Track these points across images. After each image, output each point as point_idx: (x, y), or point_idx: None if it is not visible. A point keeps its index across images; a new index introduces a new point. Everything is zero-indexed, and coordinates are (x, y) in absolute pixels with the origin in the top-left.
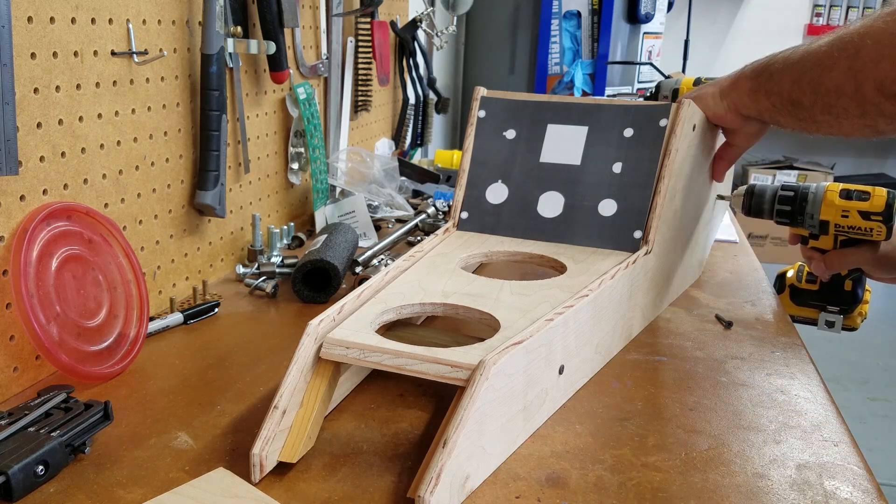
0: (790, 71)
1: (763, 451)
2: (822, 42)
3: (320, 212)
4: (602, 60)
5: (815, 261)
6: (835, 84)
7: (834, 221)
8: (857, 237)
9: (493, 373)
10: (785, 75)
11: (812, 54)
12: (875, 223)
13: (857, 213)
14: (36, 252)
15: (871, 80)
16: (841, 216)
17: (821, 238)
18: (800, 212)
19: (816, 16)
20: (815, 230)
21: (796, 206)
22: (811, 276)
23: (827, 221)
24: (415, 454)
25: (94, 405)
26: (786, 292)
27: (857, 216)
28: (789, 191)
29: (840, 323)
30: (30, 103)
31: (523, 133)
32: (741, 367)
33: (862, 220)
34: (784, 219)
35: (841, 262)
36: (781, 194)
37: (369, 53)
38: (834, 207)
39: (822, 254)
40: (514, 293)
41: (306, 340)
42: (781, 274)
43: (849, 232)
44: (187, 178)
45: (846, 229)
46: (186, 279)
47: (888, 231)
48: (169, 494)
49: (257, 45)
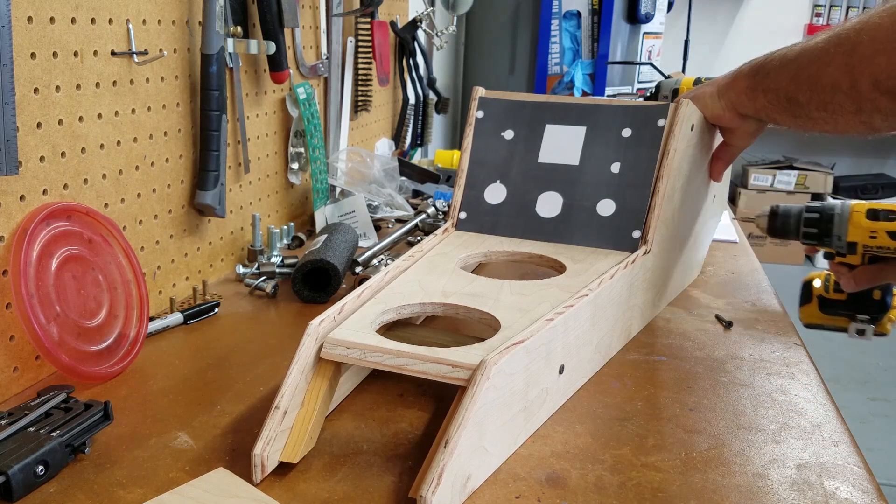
0: (787, 68)
1: (763, 451)
2: (819, 39)
3: (320, 212)
4: (602, 60)
5: (844, 276)
6: (831, 80)
7: (862, 243)
8: (887, 255)
9: (495, 373)
10: (782, 72)
11: (808, 51)
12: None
13: (886, 233)
14: (36, 252)
15: (867, 76)
16: (869, 237)
17: (848, 256)
18: (826, 234)
19: (816, 16)
20: (842, 251)
21: (822, 227)
22: (838, 285)
23: (855, 243)
24: (415, 454)
25: (94, 405)
26: (814, 302)
27: (885, 237)
28: (814, 212)
29: (871, 331)
30: (30, 103)
31: (522, 133)
32: (741, 367)
33: (891, 240)
34: (811, 241)
35: (871, 279)
36: (807, 217)
37: (369, 53)
38: (861, 229)
39: (851, 269)
40: (513, 293)
41: (307, 341)
42: (807, 282)
43: (877, 252)
44: (187, 178)
45: (874, 249)
46: (186, 279)
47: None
48: (169, 494)
49: (257, 45)
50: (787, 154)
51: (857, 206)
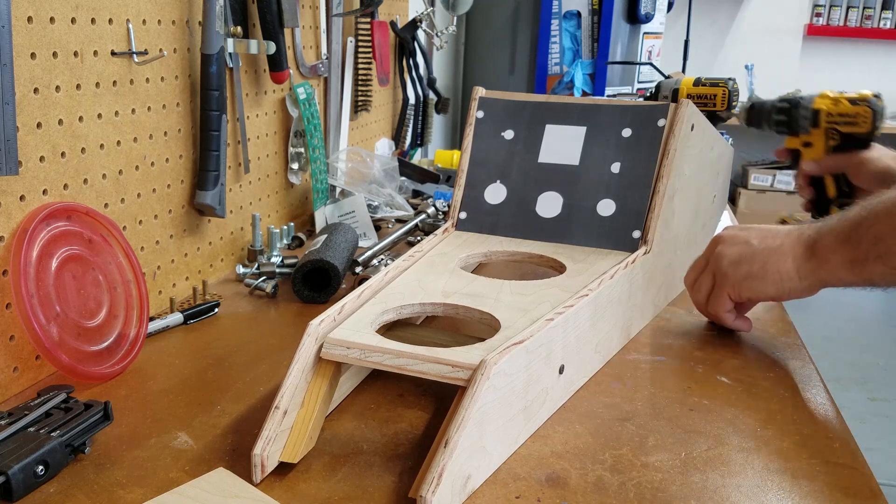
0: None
1: (763, 450)
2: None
3: (320, 212)
4: (602, 60)
5: (804, 178)
6: None
7: (826, 110)
8: (847, 129)
9: (495, 372)
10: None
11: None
12: (862, 107)
13: (846, 100)
14: (36, 252)
15: None
16: (832, 104)
17: (813, 135)
18: (795, 119)
19: (816, 16)
20: (808, 124)
21: (791, 114)
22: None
23: (819, 111)
24: (415, 454)
25: (94, 405)
26: None
27: (846, 103)
28: (785, 102)
29: None
30: (30, 103)
31: (522, 133)
32: (741, 366)
33: (851, 105)
34: (782, 127)
35: (832, 163)
36: (778, 106)
37: (369, 53)
38: (826, 99)
39: None
40: (513, 293)
41: (307, 341)
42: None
43: (838, 121)
44: (187, 178)
45: (836, 118)
46: (186, 279)
47: (873, 122)
48: (169, 494)
49: (257, 45)
50: None
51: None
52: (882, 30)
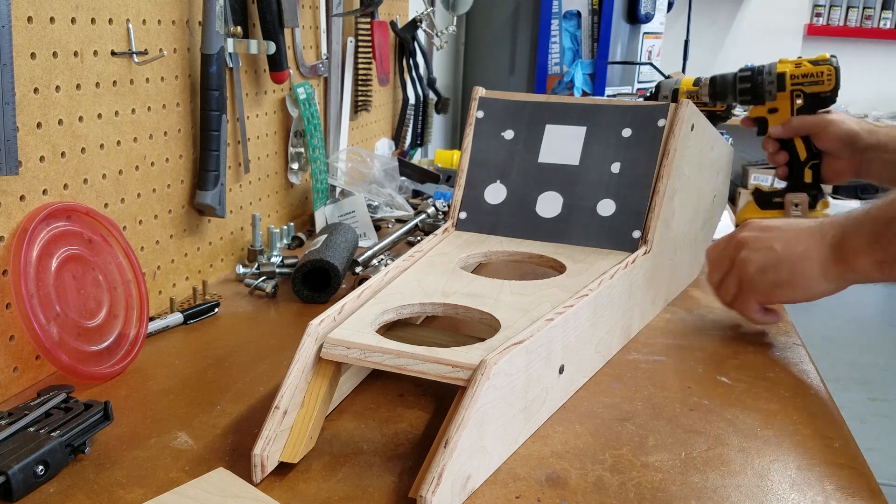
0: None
1: (763, 451)
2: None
3: (320, 212)
4: (602, 60)
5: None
6: None
7: (790, 73)
8: (812, 89)
9: (495, 372)
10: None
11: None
12: (825, 66)
13: (808, 62)
14: (36, 252)
15: None
16: (795, 66)
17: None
18: (760, 84)
19: (816, 16)
20: (773, 88)
21: (754, 81)
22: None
23: (784, 73)
24: (415, 454)
25: (94, 405)
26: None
27: (808, 65)
28: (747, 71)
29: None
30: (30, 103)
31: (522, 133)
32: (741, 366)
33: (813, 66)
34: (746, 96)
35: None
36: (741, 76)
37: (369, 53)
38: (789, 63)
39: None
40: (513, 293)
41: (307, 341)
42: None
43: (803, 82)
44: (187, 178)
45: (801, 79)
46: (186, 279)
47: (836, 79)
48: (169, 494)
49: (257, 45)
50: None
51: None
52: (882, 30)
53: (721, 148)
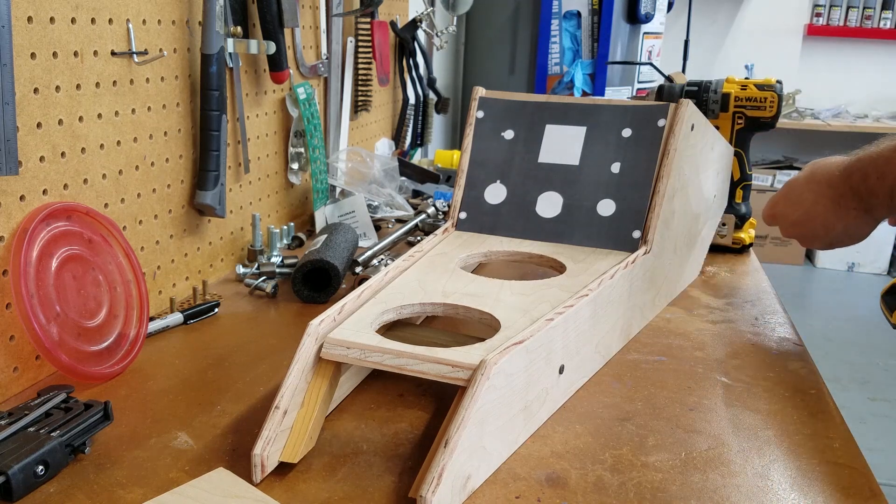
0: None
1: (763, 451)
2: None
3: (320, 212)
4: (602, 60)
5: None
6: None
7: (734, 94)
8: (753, 113)
9: (495, 372)
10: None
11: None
12: (769, 93)
13: (754, 86)
14: (36, 252)
15: None
16: (740, 88)
17: (720, 118)
18: (705, 101)
19: (816, 16)
20: (717, 108)
21: (700, 93)
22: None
23: (728, 94)
24: (415, 454)
25: (94, 405)
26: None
27: (753, 88)
28: (694, 86)
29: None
30: (30, 103)
31: (522, 133)
32: (741, 366)
33: (758, 91)
34: None
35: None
36: (688, 89)
37: (369, 53)
38: (734, 84)
39: None
40: (513, 293)
41: (307, 341)
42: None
43: (745, 105)
44: (187, 178)
45: (744, 102)
46: (186, 279)
47: (778, 107)
48: (169, 494)
49: (257, 45)
50: (787, 154)
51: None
52: (882, 30)
53: (721, 148)
